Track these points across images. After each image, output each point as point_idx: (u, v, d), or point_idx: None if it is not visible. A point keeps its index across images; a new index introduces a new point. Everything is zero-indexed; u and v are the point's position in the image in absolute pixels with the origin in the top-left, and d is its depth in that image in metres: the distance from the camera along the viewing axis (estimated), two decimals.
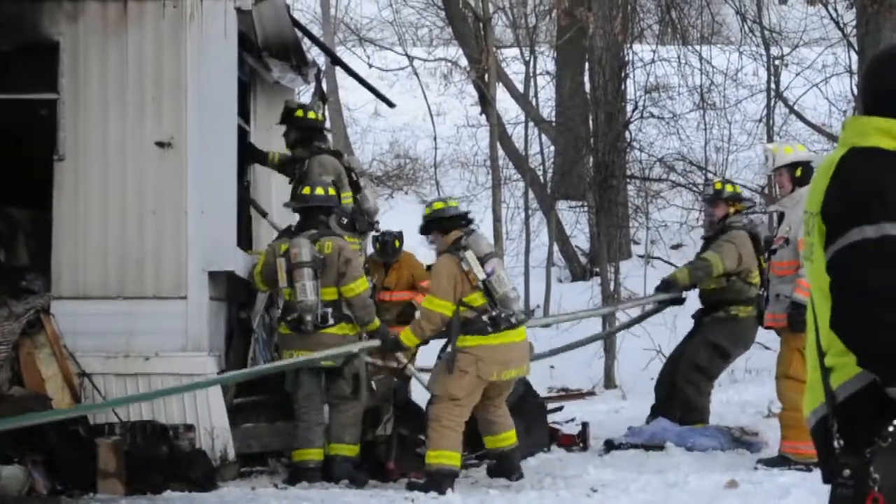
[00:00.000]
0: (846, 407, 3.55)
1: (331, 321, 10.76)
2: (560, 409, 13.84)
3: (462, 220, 10.60)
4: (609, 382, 18.36)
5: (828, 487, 9.16)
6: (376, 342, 10.90)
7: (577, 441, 12.39)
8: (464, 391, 10.11)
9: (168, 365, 10.79)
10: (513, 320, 10.26)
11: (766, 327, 11.24)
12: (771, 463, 10.55)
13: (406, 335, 10.50)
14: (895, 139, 3.61)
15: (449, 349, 10.30)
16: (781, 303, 10.67)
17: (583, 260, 23.89)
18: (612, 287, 19.90)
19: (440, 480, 9.99)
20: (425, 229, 10.66)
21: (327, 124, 14.15)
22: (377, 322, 10.92)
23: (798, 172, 10.86)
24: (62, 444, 10.08)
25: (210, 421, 10.69)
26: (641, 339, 18.75)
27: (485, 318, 10.18)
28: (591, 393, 17.49)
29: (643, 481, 9.96)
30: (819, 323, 3.60)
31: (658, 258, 23.70)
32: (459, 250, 10.27)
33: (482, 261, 10.20)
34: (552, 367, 18.48)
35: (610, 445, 12.05)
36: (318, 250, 10.71)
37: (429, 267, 13.43)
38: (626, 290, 21.50)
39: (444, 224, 10.52)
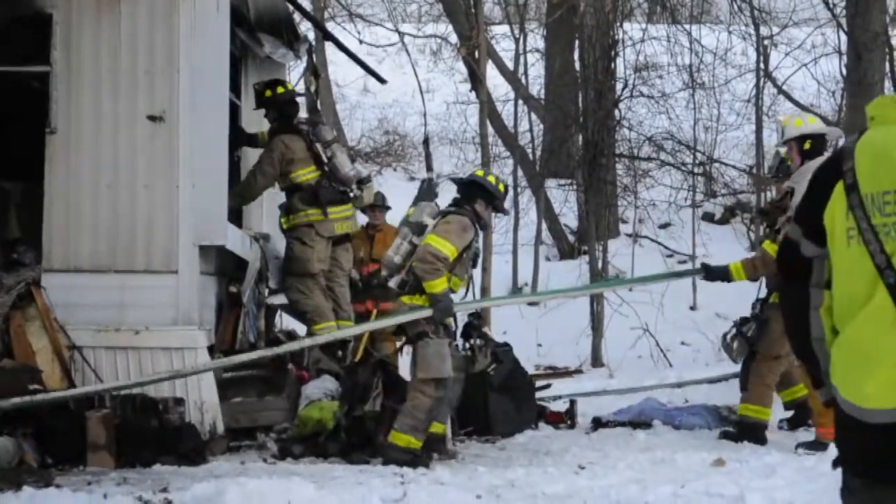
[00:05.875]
0: None
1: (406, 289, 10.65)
2: (548, 386, 13.90)
3: None
4: (596, 360, 18.42)
5: (812, 467, 9.22)
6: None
7: (565, 418, 12.44)
8: (787, 348, 10.49)
9: (158, 339, 10.79)
10: None
11: None
12: (811, 447, 10.36)
13: (737, 269, 10.81)
14: None
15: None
16: None
17: (571, 238, 23.94)
18: (599, 265, 19.95)
19: (759, 433, 10.81)
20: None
21: (318, 99, 14.14)
22: None
23: (807, 145, 10.40)
24: (52, 417, 10.09)
25: (199, 395, 10.71)
26: (629, 318, 18.83)
27: None
28: (578, 371, 17.55)
29: (630, 459, 10.01)
30: None
31: (646, 237, 23.78)
32: None
33: None
34: (539, 344, 18.57)
35: (597, 423, 12.11)
36: None
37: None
38: (613, 269, 21.57)
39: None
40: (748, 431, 10.78)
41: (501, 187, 10.77)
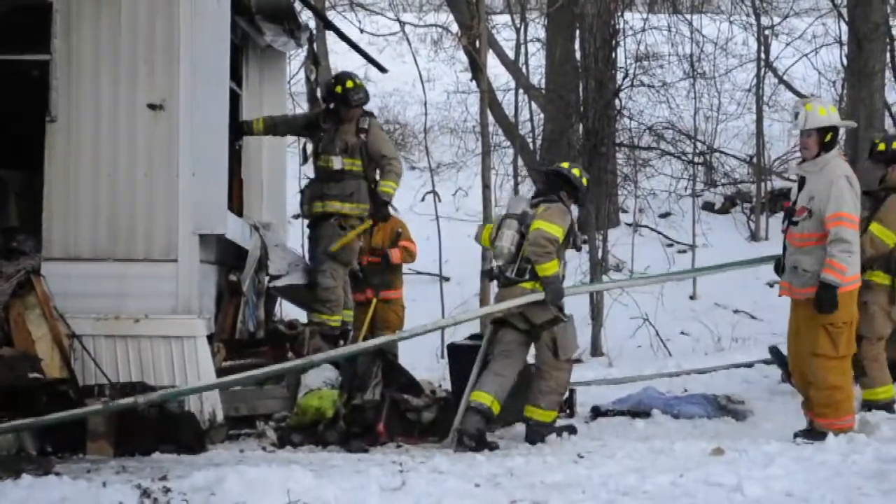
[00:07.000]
0: None
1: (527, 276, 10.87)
2: None
3: None
4: (596, 350, 18.43)
5: (810, 456, 9.16)
6: None
7: (564, 407, 12.43)
8: (889, 328, 11.14)
9: (158, 327, 10.81)
10: None
11: (780, 295, 10.86)
12: (809, 436, 10.26)
13: None
14: None
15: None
16: (800, 276, 10.13)
17: None
18: (599, 255, 19.95)
19: (890, 409, 11.08)
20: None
21: (318, 90, 14.20)
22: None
23: (828, 137, 10.13)
24: (52, 406, 10.10)
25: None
26: (629, 308, 18.85)
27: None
28: (577, 360, 17.53)
29: (629, 448, 10.00)
30: None
31: (646, 227, 23.78)
32: None
33: None
34: None
35: (596, 412, 12.11)
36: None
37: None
38: (613, 259, 21.58)
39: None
40: (885, 408, 11.11)
41: (585, 181, 11.25)
